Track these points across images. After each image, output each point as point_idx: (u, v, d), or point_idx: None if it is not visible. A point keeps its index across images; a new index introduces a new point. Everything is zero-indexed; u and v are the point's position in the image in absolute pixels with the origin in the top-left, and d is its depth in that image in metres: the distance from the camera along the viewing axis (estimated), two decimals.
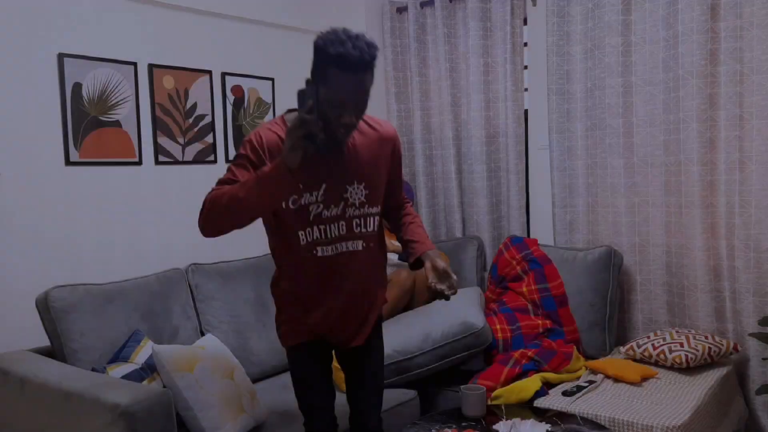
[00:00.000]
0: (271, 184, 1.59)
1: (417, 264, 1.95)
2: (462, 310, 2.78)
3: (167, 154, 2.93)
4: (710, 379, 2.55)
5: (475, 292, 3.11)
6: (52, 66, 2.54)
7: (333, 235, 1.83)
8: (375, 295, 1.98)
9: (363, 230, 1.87)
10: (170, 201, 2.95)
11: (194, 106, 3.03)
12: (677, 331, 2.77)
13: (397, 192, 2.04)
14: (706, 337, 2.69)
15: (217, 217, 1.67)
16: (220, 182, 1.73)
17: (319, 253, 1.82)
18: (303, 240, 1.81)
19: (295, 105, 1.62)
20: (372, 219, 1.89)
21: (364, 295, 1.94)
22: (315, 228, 1.82)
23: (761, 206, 2.73)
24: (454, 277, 1.84)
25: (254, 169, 1.69)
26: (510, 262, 3.21)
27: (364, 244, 1.87)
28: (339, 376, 2.73)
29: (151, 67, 2.85)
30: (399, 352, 2.70)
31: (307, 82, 1.60)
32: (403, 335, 2.76)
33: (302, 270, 1.85)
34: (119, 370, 2.19)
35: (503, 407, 2.31)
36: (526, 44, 3.46)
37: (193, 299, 2.72)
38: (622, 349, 2.80)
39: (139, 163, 2.83)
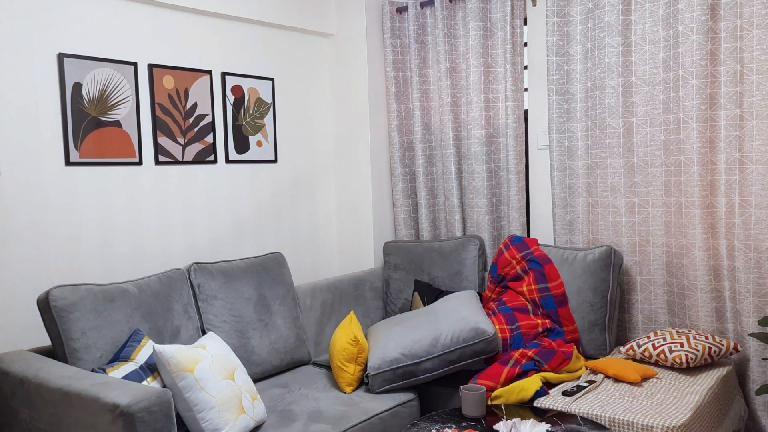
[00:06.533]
0: None
1: None
2: (471, 316, 2.77)
3: (167, 154, 2.93)
4: (710, 379, 2.56)
5: (473, 297, 3.08)
6: (52, 66, 2.55)
7: None
8: None
9: None
10: (170, 201, 2.95)
11: (194, 106, 3.03)
12: (677, 331, 2.77)
13: None
14: (707, 337, 2.70)
15: None
16: None
17: None
18: None
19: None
20: None
21: None
22: None
23: (761, 206, 2.73)
24: None
25: None
26: (510, 262, 3.21)
27: None
28: (341, 375, 2.73)
29: (151, 67, 2.85)
30: (407, 356, 2.68)
31: None
32: (410, 338, 2.75)
33: None
34: (119, 370, 2.20)
35: (503, 407, 2.31)
36: (526, 44, 3.47)
37: (195, 298, 2.73)
38: (623, 349, 2.80)
39: (139, 163, 2.83)
